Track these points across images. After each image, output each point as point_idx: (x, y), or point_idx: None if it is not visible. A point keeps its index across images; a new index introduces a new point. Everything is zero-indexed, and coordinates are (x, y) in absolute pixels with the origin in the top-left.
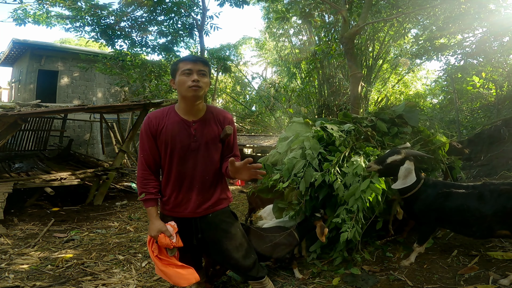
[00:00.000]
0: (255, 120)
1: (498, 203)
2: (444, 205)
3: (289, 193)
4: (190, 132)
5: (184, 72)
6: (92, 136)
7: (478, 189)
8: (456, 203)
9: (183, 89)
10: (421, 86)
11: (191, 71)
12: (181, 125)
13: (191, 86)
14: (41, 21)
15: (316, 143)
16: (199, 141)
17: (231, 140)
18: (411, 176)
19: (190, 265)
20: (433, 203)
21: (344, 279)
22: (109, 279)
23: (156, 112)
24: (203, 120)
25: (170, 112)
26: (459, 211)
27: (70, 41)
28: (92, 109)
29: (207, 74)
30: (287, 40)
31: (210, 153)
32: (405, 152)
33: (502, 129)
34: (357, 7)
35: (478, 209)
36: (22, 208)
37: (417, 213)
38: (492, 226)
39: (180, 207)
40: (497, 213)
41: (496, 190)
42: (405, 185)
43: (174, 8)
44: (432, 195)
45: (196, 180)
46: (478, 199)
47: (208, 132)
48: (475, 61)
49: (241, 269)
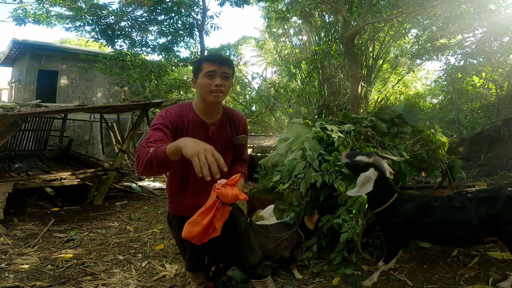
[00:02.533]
0: (255, 120)
1: (482, 211)
2: (425, 219)
3: (289, 194)
4: (208, 134)
5: (207, 74)
6: (92, 136)
7: (456, 200)
8: (437, 217)
9: (205, 92)
10: (421, 86)
11: (215, 73)
12: (200, 127)
13: (213, 91)
14: (41, 20)
15: (316, 144)
16: (215, 144)
17: (241, 145)
18: (368, 186)
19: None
20: (411, 218)
21: (344, 279)
22: (109, 279)
23: (175, 107)
24: (220, 123)
25: (189, 111)
26: (442, 224)
27: (70, 41)
28: (92, 109)
29: (231, 76)
30: (287, 40)
31: (225, 156)
32: (374, 160)
33: (502, 129)
34: (357, 7)
35: (462, 220)
36: (22, 208)
37: (394, 228)
38: (479, 234)
39: (193, 210)
40: (484, 221)
41: (476, 198)
42: (359, 193)
43: (174, 8)
44: (410, 210)
45: (209, 182)
46: (459, 209)
47: (224, 136)
48: (475, 61)
49: (247, 267)
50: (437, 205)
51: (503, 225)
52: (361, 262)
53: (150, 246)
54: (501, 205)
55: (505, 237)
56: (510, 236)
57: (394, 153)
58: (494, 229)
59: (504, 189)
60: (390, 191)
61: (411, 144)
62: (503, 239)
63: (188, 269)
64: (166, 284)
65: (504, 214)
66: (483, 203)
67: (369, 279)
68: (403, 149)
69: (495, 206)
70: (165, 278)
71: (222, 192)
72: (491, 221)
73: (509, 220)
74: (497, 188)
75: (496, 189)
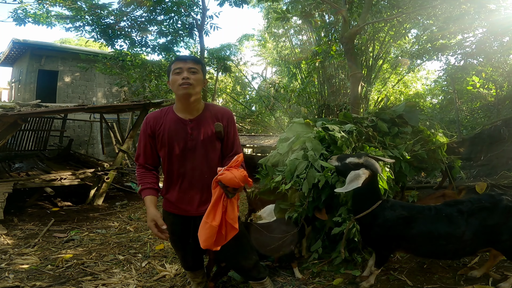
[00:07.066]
0: (255, 120)
1: (475, 224)
2: (409, 231)
3: (292, 195)
4: (187, 130)
5: (175, 71)
6: (92, 136)
7: (445, 211)
8: (425, 229)
9: (175, 87)
10: (421, 86)
11: (181, 69)
12: (178, 124)
13: (181, 84)
14: (41, 21)
15: (318, 144)
16: (196, 140)
17: (230, 137)
18: (355, 182)
19: (192, 264)
20: (392, 228)
21: (344, 279)
22: (109, 279)
23: (155, 112)
24: (199, 118)
25: (168, 112)
26: (430, 238)
27: (70, 41)
28: (92, 109)
29: (199, 71)
30: (287, 40)
31: (208, 151)
32: (365, 160)
33: (502, 129)
34: (357, 7)
35: (453, 233)
36: (22, 208)
37: (374, 239)
38: (474, 246)
39: (182, 205)
40: (479, 234)
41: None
42: (346, 190)
43: (174, 8)
44: (391, 220)
45: (195, 179)
46: (450, 222)
47: (205, 131)
48: (475, 61)
49: (242, 270)
50: (426, 216)
51: (500, 235)
52: (361, 262)
53: (150, 246)
54: (498, 216)
55: (502, 247)
56: (507, 246)
57: (395, 153)
58: (490, 240)
59: (499, 197)
60: (375, 196)
61: (412, 144)
62: (499, 248)
63: (185, 268)
64: (166, 284)
65: (502, 225)
66: (476, 215)
67: (366, 281)
68: (403, 149)
69: (492, 217)
70: (165, 278)
71: (227, 176)
72: (487, 232)
73: (507, 231)
74: (490, 197)
75: (490, 199)
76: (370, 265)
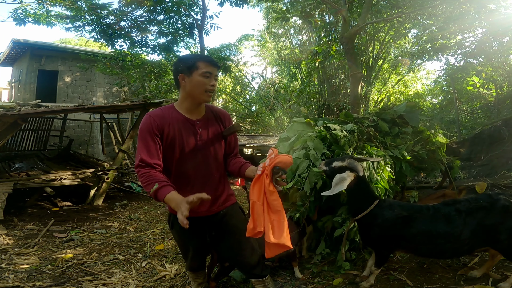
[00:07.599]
0: (255, 120)
1: (472, 223)
2: (408, 231)
3: (293, 194)
4: (196, 130)
5: (205, 74)
6: (92, 136)
7: (443, 211)
8: (423, 228)
9: (199, 91)
10: (421, 86)
11: (211, 75)
12: (186, 124)
13: (208, 91)
14: (41, 20)
15: (319, 143)
16: (205, 139)
17: (232, 138)
18: (340, 185)
19: (198, 265)
20: (392, 228)
21: (344, 279)
22: (109, 279)
23: (157, 111)
24: (206, 118)
25: (171, 111)
26: (428, 237)
27: (70, 41)
28: (92, 109)
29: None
30: (287, 40)
31: (216, 150)
32: (348, 163)
33: (502, 129)
34: (357, 7)
35: (451, 233)
36: (22, 208)
37: (373, 239)
38: (472, 245)
39: (194, 207)
40: (477, 233)
41: (465, 210)
42: (332, 193)
43: (174, 8)
44: (391, 220)
45: (206, 178)
46: (447, 221)
47: (212, 130)
48: (475, 61)
49: (247, 266)
50: (423, 216)
51: (497, 234)
52: (361, 262)
53: (150, 246)
54: (496, 215)
55: (500, 246)
56: (505, 245)
57: (395, 153)
58: (488, 240)
59: (497, 197)
60: (370, 197)
61: (412, 145)
62: (498, 248)
63: (189, 269)
64: (166, 284)
65: (500, 224)
66: (473, 214)
67: (366, 281)
68: (404, 149)
69: (491, 217)
70: (165, 278)
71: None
72: (485, 232)
73: (504, 230)
74: (488, 197)
75: (488, 198)
76: (370, 265)
